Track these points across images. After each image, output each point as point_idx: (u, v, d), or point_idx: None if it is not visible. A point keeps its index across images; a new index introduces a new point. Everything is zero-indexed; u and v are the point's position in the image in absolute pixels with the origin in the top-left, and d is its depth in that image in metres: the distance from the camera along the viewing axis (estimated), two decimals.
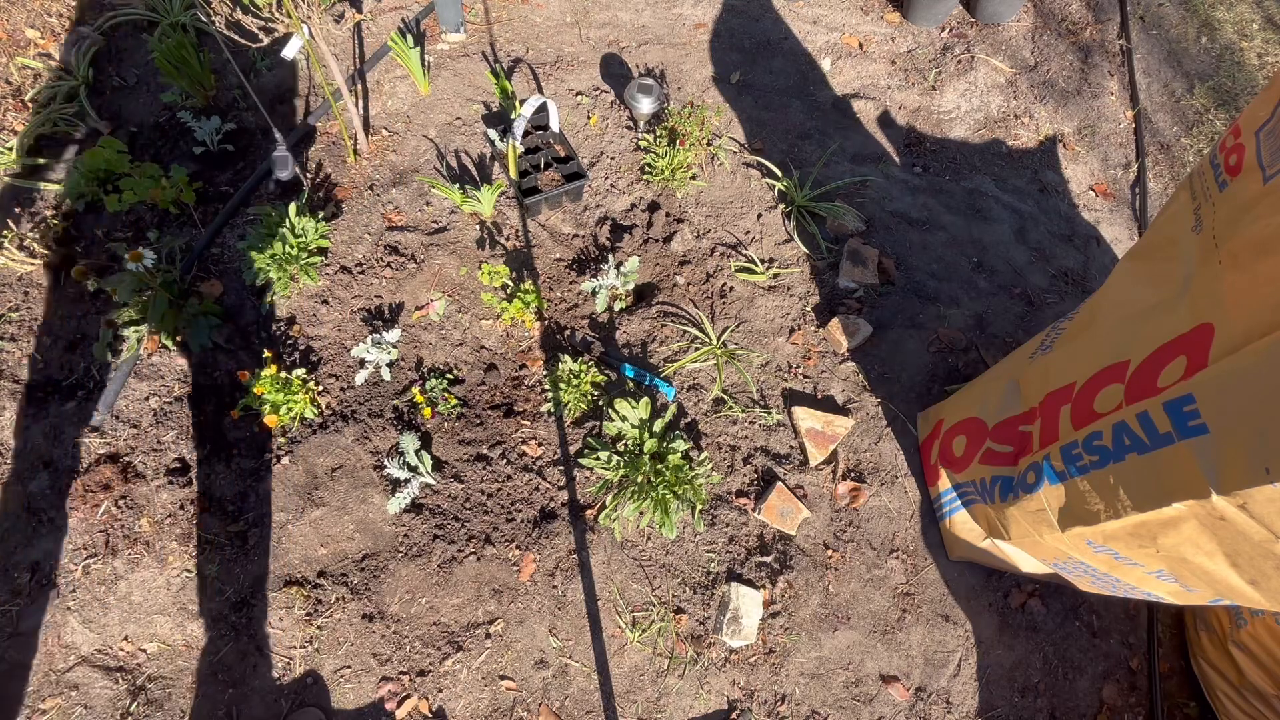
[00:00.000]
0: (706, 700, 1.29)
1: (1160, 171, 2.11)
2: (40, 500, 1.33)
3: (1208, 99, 2.22)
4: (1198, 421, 0.77)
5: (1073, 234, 1.93)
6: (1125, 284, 1.06)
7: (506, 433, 1.47)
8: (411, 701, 1.25)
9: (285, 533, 1.36)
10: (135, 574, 1.30)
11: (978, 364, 1.61)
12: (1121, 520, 0.89)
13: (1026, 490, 1.08)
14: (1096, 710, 1.37)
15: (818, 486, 1.46)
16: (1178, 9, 2.41)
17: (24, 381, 1.42)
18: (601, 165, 1.83)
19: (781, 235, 1.76)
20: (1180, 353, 0.84)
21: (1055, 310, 1.75)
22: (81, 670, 1.23)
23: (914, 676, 1.34)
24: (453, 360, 1.56)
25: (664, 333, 1.59)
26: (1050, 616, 1.40)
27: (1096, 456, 0.93)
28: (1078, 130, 2.15)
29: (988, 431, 1.25)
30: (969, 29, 2.28)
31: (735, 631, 1.30)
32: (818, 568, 1.39)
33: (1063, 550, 1.07)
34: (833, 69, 2.15)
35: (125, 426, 1.40)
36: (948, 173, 2.02)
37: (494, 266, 1.60)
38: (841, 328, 1.60)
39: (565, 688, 1.28)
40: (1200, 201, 0.93)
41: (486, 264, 1.61)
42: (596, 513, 1.41)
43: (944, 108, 2.13)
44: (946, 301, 1.70)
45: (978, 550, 1.32)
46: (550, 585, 1.35)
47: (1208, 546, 0.82)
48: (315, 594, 1.32)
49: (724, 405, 1.51)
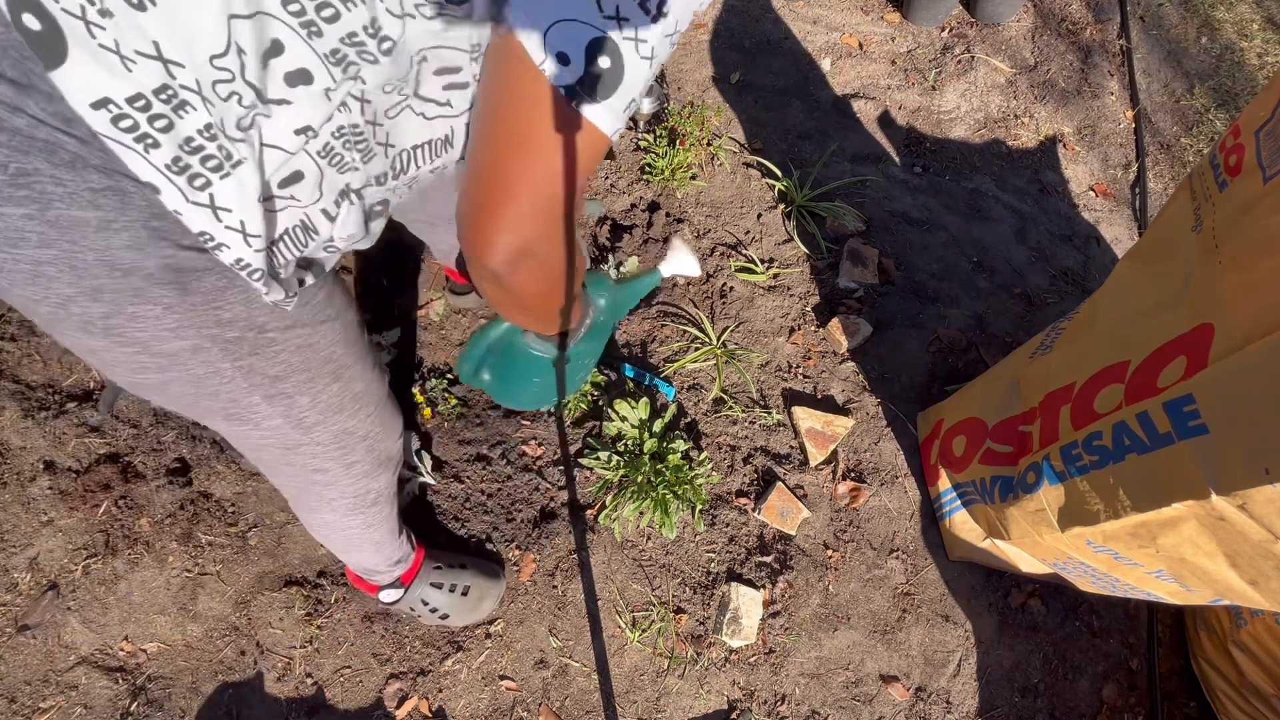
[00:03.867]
0: (706, 700, 1.29)
1: (1160, 171, 2.11)
2: (40, 500, 1.33)
3: (1208, 99, 2.22)
4: (1198, 422, 0.77)
5: (1073, 234, 1.93)
6: (1125, 284, 1.06)
7: (506, 433, 1.47)
8: (411, 701, 1.25)
9: (285, 533, 1.36)
10: (135, 574, 1.30)
11: (978, 364, 1.62)
12: (1121, 520, 0.89)
13: (1026, 490, 1.08)
14: (1096, 710, 1.37)
15: (818, 486, 1.46)
16: (1178, 9, 2.41)
17: (24, 381, 1.42)
18: (601, 165, 1.83)
19: (781, 235, 1.76)
20: (1180, 353, 0.84)
21: (1055, 310, 1.75)
22: (81, 670, 1.23)
23: (914, 676, 1.34)
24: (453, 360, 1.56)
25: (664, 333, 1.59)
26: (1050, 616, 1.40)
27: (1096, 457, 0.93)
28: (1078, 130, 2.15)
29: (988, 431, 1.25)
30: (969, 29, 2.28)
31: (735, 631, 1.30)
32: (818, 568, 1.39)
33: (1063, 550, 1.07)
34: (833, 69, 2.15)
35: (125, 426, 1.40)
36: (948, 173, 2.02)
37: None
38: (841, 328, 1.60)
39: (565, 687, 1.28)
40: (1200, 201, 0.93)
41: None
42: (596, 513, 1.41)
43: (944, 108, 2.13)
44: (946, 301, 1.70)
45: (978, 550, 1.32)
46: (550, 585, 1.35)
47: (1207, 547, 0.82)
48: (315, 594, 1.32)
49: (724, 405, 1.51)
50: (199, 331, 0.59)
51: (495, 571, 1.31)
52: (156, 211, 0.51)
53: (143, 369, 0.61)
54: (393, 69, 0.53)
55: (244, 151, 0.51)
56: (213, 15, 0.44)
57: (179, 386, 0.64)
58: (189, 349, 0.60)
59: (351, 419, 0.80)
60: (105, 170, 0.48)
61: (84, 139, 0.47)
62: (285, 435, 0.75)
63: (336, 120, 0.55)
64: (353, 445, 0.84)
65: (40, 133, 0.46)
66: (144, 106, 0.46)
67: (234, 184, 0.51)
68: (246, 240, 0.54)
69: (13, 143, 0.46)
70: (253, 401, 0.68)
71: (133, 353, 0.59)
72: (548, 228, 0.56)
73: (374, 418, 0.85)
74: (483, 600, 1.27)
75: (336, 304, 0.72)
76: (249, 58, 0.47)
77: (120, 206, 0.50)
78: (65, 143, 0.47)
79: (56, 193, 0.48)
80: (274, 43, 0.47)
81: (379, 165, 0.62)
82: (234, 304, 0.59)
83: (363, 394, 0.81)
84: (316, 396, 0.73)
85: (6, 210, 0.48)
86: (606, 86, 0.48)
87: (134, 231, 0.51)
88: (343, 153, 0.58)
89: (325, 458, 0.81)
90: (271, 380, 0.68)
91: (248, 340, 0.63)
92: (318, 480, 0.86)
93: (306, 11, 0.47)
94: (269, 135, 0.52)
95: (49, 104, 0.45)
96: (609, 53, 0.47)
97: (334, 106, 0.53)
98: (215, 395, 0.66)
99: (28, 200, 0.48)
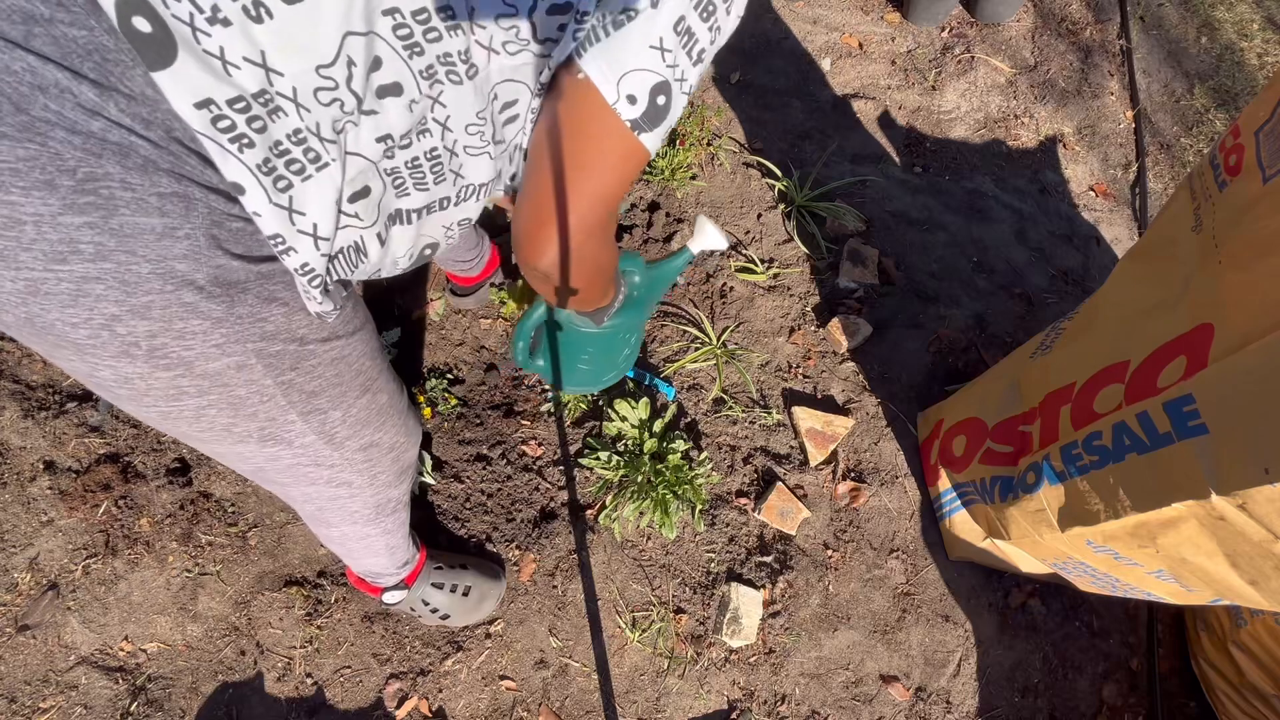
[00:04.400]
0: (706, 700, 1.29)
1: (1160, 171, 2.11)
2: (40, 500, 1.33)
3: (1208, 99, 2.22)
4: (1197, 422, 0.77)
5: (1073, 234, 1.93)
6: (1125, 284, 1.06)
7: (506, 433, 1.48)
8: (411, 701, 1.25)
9: (285, 533, 1.36)
10: (135, 574, 1.30)
11: (978, 364, 1.62)
12: (1121, 520, 0.89)
13: (1026, 490, 1.08)
14: (1096, 710, 1.37)
15: (818, 486, 1.46)
16: (1178, 9, 2.41)
17: (24, 381, 1.42)
18: None
19: (781, 235, 1.76)
20: (1180, 353, 0.84)
21: (1055, 310, 1.75)
22: (81, 670, 1.23)
23: (914, 676, 1.34)
24: (453, 360, 1.56)
25: (664, 333, 1.59)
26: (1050, 616, 1.40)
27: (1096, 457, 0.93)
28: (1078, 130, 2.15)
29: (988, 431, 1.25)
30: (969, 29, 2.28)
31: (735, 631, 1.30)
32: (818, 568, 1.39)
33: (1063, 550, 1.07)
34: (833, 69, 2.15)
35: (125, 426, 1.40)
36: (948, 173, 2.02)
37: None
38: (841, 328, 1.60)
39: (565, 688, 1.28)
40: (1200, 201, 0.93)
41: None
42: (596, 513, 1.41)
43: (944, 108, 2.13)
44: (946, 301, 1.70)
45: (978, 550, 1.32)
46: (550, 585, 1.35)
47: (1207, 547, 0.82)
48: (315, 594, 1.32)
49: (724, 405, 1.51)
50: (244, 346, 0.59)
51: (495, 572, 1.32)
52: (216, 219, 0.52)
53: (181, 394, 0.60)
54: (473, 95, 0.59)
55: (332, 154, 0.54)
56: (330, 31, 0.48)
57: (215, 411, 0.63)
58: (233, 366, 0.59)
59: (378, 431, 0.81)
60: (175, 174, 0.49)
61: (157, 142, 0.48)
62: (317, 452, 0.74)
63: (415, 149, 0.60)
64: (379, 458, 0.84)
65: (114, 135, 0.47)
66: (244, 109, 0.48)
67: (315, 186, 0.54)
68: (316, 244, 0.57)
69: (86, 145, 0.46)
70: (289, 419, 0.68)
71: (173, 377, 0.58)
72: (595, 235, 0.63)
73: (399, 429, 0.86)
74: (483, 600, 1.27)
75: (360, 314, 0.73)
76: (358, 69, 0.51)
77: (184, 213, 0.51)
78: (139, 145, 0.47)
79: (124, 198, 0.48)
80: (375, 59, 0.52)
81: (446, 189, 0.67)
82: (276, 316, 0.60)
83: (387, 406, 0.81)
84: (348, 410, 0.74)
85: (65, 220, 0.47)
86: (660, 118, 0.57)
87: (194, 240, 0.52)
88: (407, 177, 0.62)
89: (352, 471, 0.81)
90: (308, 396, 0.68)
91: (289, 354, 0.63)
92: (341, 495, 0.85)
93: (414, 35, 0.52)
94: (352, 143, 0.56)
95: (129, 105, 0.46)
96: (666, 93, 0.56)
97: (415, 120, 0.58)
98: (254, 416, 0.65)
99: (91, 207, 0.47)
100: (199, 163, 0.50)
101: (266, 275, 0.57)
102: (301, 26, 0.47)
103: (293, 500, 0.87)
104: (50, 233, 0.47)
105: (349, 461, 0.79)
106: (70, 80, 0.45)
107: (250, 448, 0.70)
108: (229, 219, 0.53)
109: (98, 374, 0.57)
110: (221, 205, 0.52)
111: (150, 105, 0.47)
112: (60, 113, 0.45)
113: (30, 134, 0.45)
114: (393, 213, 0.66)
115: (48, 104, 0.45)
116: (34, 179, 0.45)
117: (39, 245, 0.47)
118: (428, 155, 0.62)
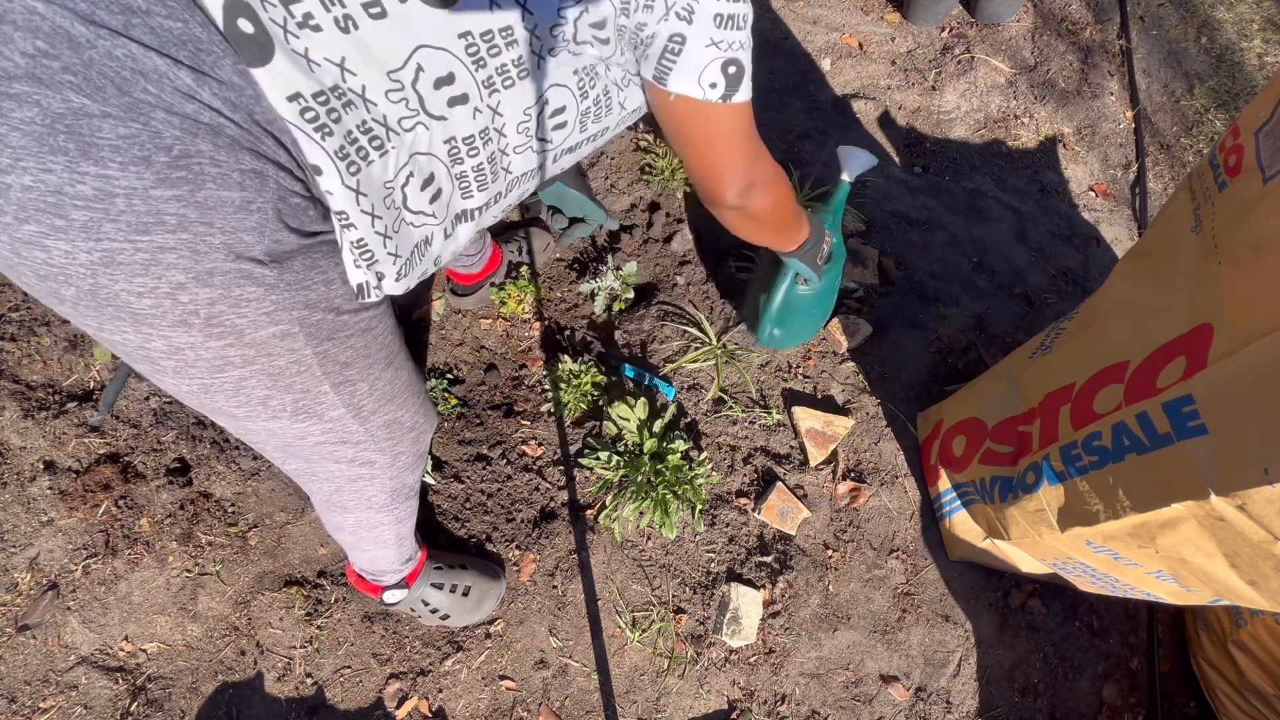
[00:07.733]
0: (706, 700, 1.29)
1: (1160, 171, 2.11)
2: (40, 500, 1.33)
3: (1208, 99, 2.22)
4: (1197, 422, 0.77)
5: (1073, 234, 1.93)
6: (1125, 284, 1.06)
7: (506, 433, 1.48)
8: (411, 701, 1.25)
9: (285, 533, 1.36)
10: (135, 574, 1.30)
11: (978, 364, 1.62)
12: (1121, 521, 0.89)
13: (1026, 490, 1.08)
14: (1096, 710, 1.37)
15: (818, 486, 1.46)
16: (1178, 9, 2.41)
17: (24, 381, 1.42)
18: (601, 165, 1.83)
19: None
20: (1180, 353, 0.84)
21: (1055, 310, 1.75)
22: (81, 670, 1.23)
23: (914, 676, 1.34)
24: (453, 360, 1.56)
25: (664, 333, 1.59)
26: (1050, 616, 1.41)
27: (1096, 457, 0.93)
28: (1078, 130, 2.15)
29: (987, 432, 1.25)
30: (969, 29, 2.28)
31: (735, 631, 1.30)
32: (818, 568, 1.39)
33: (1062, 550, 1.07)
34: (833, 69, 2.15)
35: (125, 426, 1.40)
36: (948, 173, 2.02)
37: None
38: (841, 328, 1.60)
39: (565, 688, 1.29)
40: (1200, 202, 0.93)
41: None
42: (596, 513, 1.41)
43: (944, 108, 2.13)
44: (946, 301, 1.70)
45: (978, 550, 1.33)
46: (550, 585, 1.35)
47: (1207, 547, 0.82)
48: (315, 594, 1.32)
49: (724, 405, 1.51)
50: (290, 314, 0.63)
51: (495, 572, 1.32)
52: (283, 195, 0.58)
53: (226, 365, 0.63)
54: (523, 96, 0.69)
55: (395, 142, 0.63)
56: (405, 45, 0.58)
57: (255, 382, 0.66)
58: (279, 335, 0.63)
59: (400, 409, 0.84)
60: (255, 153, 0.55)
61: (240, 124, 0.53)
62: (345, 427, 0.77)
63: (479, 156, 0.71)
64: (400, 436, 0.87)
65: (205, 117, 0.52)
66: (324, 101, 0.56)
67: (378, 170, 0.63)
68: (373, 221, 0.64)
69: (183, 125, 0.51)
70: (323, 391, 0.71)
71: (222, 346, 0.61)
72: (752, 165, 0.81)
73: (419, 409, 0.89)
74: (483, 600, 1.27)
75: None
76: (425, 75, 0.61)
77: (259, 188, 0.56)
78: (226, 126, 0.53)
79: (211, 173, 0.53)
80: (449, 74, 0.62)
81: (499, 185, 0.78)
82: (318, 284, 0.64)
83: (408, 383, 0.85)
84: (374, 383, 0.77)
85: (156, 193, 0.51)
86: (739, 80, 0.72)
87: (263, 213, 0.57)
88: (472, 179, 0.73)
89: (375, 449, 0.84)
90: (341, 367, 0.71)
91: (327, 323, 0.67)
92: (363, 475, 0.87)
93: (480, 51, 0.62)
94: (425, 144, 0.66)
95: (220, 90, 0.52)
96: (734, 63, 0.70)
97: (478, 127, 0.68)
98: (290, 388, 0.69)
99: (182, 182, 0.52)
100: (273, 143, 0.56)
101: (310, 248, 0.62)
102: (381, 40, 0.56)
103: (314, 479, 0.89)
104: (139, 204, 0.51)
105: (373, 438, 0.82)
106: (169, 66, 0.49)
107: (282, 423, 0.73)
108: (291, 195, 0.58)
109: (149, 344, 0.59)
110: (287, 182, 0.58)
111: (236, 91, 0.52)
112: (159, 95, 0.49)
113: (134, 114, 0.49)
114: (459, 212, 0.76)
115: (148, 87, 0.49)
116: (132, 155, 0.49)
117: (125, 217, 0.51)
118: (489, 159, 0.72)
